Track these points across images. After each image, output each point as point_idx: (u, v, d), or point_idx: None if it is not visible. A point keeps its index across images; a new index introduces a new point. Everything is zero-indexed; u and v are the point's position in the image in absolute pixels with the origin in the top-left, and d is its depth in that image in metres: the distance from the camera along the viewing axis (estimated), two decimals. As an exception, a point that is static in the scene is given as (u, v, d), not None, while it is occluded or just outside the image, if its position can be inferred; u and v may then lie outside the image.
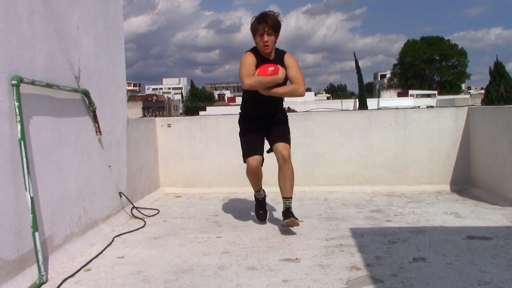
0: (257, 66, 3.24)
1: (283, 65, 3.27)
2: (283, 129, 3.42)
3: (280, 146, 3.30)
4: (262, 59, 3.27)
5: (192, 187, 5.10)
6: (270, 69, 3.20)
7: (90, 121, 3.31)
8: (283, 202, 3.34)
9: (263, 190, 3.65)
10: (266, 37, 3.18)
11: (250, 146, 3.39)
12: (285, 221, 3.23)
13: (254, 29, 3.23)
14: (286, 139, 3.36)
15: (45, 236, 2.61)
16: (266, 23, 3.17)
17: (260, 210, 3.63)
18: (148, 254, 2.87)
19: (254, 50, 3.32)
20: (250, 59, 3.25)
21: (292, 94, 3.27)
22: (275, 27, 3.22)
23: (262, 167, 3.47)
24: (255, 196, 3.64)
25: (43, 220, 2.60)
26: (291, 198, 3.35)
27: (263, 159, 3.42)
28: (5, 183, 2.26)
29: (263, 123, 3.43)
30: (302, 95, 3.27)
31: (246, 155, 3.39)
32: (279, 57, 3.32)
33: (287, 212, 3.28)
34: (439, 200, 4.24)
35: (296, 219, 3.23)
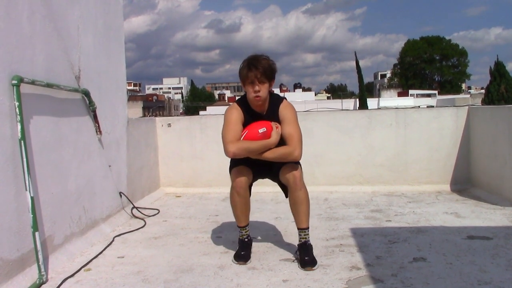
0: (245, 124, 2.67)
1: (278, 118, 2.69)
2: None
3: (289, 167, 2.68)
4: (251, 113, 2.69)
5: (192, 187, 5.10)
6: (260, 130, 2.60)
7: (90, 121, 3.31)
8: (298, 235, 2.68)
9: (248, 230, 2.84)
10: (257, 87, 2.59)
11: (236, 163, 2.72)
12: (304, 267, 2.54)
13: (244, 77, 2.62)
14: (297, 163, 2.76)
15: (45, 236, 2.62)
16: (257, 70, 2.58)
17: (242, 251, 2.76)
18: (148, 254, 2.87)
19: (243, 102, 2.74)
20: (235, 116, 2.66)
21: (285, 159, 2.66)
22: (269, 74, 2.61)
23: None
24: (238, 237, 2.84)
25: (43, 220, 2.61)
26: (308, 229, 2.67)
27: (251, 182, 2.79)
28: (5, 183, 2.26)
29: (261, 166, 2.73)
30: (296, 159, 2.72)
31: (232, 166, 2.75)
32: (273, 108, 2.71)
33: (305, 252, 2.60)
34: (439, 200, 4.24)
35: (315, 263, 2.56)
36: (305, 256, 2.58)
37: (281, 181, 2.75)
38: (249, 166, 2.72)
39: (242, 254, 2.73)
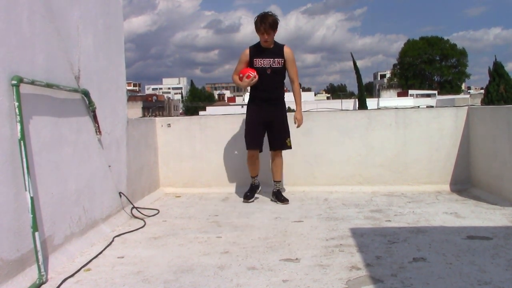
0: (255, 55, 4.18)
1: (283, 57, 4.17)
2: (282, 137, 4.30)
3: (276, 151, 4.38)
4: (262, 48, 4.19)
5: (192, 187, 5.10)
6: (247, 74, 4.16)
7: (90, 121, 3.31)
8: (274, 185, 4.39)
9: (258, 181, 4.56)
10: (266, 36, 4.08)
11: (251, 140, 4.29)
12: (282, 202, 4.25)
13: (257, 28, 4.09)
14: (283, 147, 4.34)
15: (45, 236, 2.61)
16: (266, 23, 4.03)
17: (248, 192, 4.45)
18: (148, 254, 2.87)
19: (256, 44, 4.24)
20: (243, 58, 4.25)
21: (300, 93, 4.43)
22: (273, 26, 4.07)
23: (263, 167, 4.49)
24: (250, 183, 4.54)
25: (43, 220, 2.60)
26: (281, 182, 4.44)
27: (261, 150, 4.39)
28: (5, 183, 2.26)
29: (266, 113, 4.24)
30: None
31: (247, 146, 4.33)
32: (277, 47, 4.22)
33: (280, 195, 4.34)
34: (439, 200, 4.24)
35: (287, 200, 4.28)
36: (281, 197, 4.30)
37: (272, 147, 4.39)
38: (260, 138, 4.35)
39: (248, 195, 4.42)
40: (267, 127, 4.28)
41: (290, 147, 4.36)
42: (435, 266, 2.48)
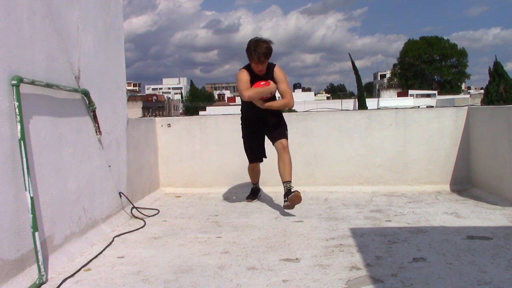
0: (251, 82, 3.88)
1: (273, 78, 3.91)
2: (280, 129, 4.04)
3: (280, 140, 3.96)
4: (254, 75, 3.91)
5: (192, 187, 5.10)
6: (262, 83, 3.88)
7: (90, 121, 3.31)
8: (284, 186, 3.80)
9: (259, 188, 4.59)
10: (260, 66, 3.82)
11: (252, 153, 4.23)
12: (288, 197, 3.68)
13: (251, 55, 3.80)
14: (284, 135, 4.01)
15: (45, 236, 2.61)
16: (261, 52, 3.75)
17: (251, 194, 4.49)
18: (148, 254, 2.87)
19: (248, 67, 3.94)
20: (245, 75, 3.89)
21: (285, 106, 4.05)
22: (267, 55, 3.81)
23: (264, 170, 4.45)
24: (252, 188, 4.56)
25: (43, 220, 2.60)
26: (291, 181, 3.81)
27: (263, 150, 4.26)
28: (5, 183, 2.26)
29: (261, 126, 4.09)
30: (291, 106, 4.19)
31: (249, 160, 4.27)
32: (268, 71, 3.93)
33: (289, 193, 3.71)
34: (439, 200, 4.24)
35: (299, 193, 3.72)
36: (290, 193, 3.71)
37: (274, 145, 4.03)
38: (260, 145, 4.21)
39: (250, 196, 4.46)
40: (263, 126, 4.09)
41: (287, 137, 4.04)
42: (435, 266, 2.48)
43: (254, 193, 4.52)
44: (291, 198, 3.67)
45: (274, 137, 4.01)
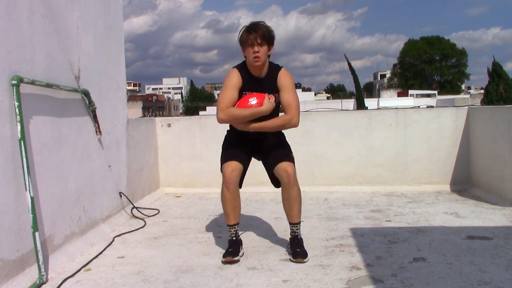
0: (243, 88, 2.74)
1: (275, 85, 2.76)
2: (282, 151, 2.83)
3: (284, 164, 2.72)
4: (250, 77, 2.75)
5: (192, 187, 5.10)
6: (251, 101, 2.67)
7: (90, 121, 3.31)
8: (290, 229, 2.80)
9: (239, 238, 2.83)
10: (256, 47, 2.65)
11: (229, 153, 2.84)
12: (295, 258, 2.65)
13: (244, 40, 2.70)
14: (288, 157, 2.78)
15: (45, 236, 2.61)
16: (256, 33, 2.66)
17: (230, 248, 2.75)
18: (148, 254, 2.87)
19: (242, 67, 2.79)
20: (233, 81, 2.73)
21: (283, 127, 2.77)
22: (267, 37, 2.69)
23: (263, 169, 2.94)
24: (228, 237, 2.81)
25: (43, 220, 2.60)
26: (300, 224, 2.80)
27: (242, 176, 2.85)
28: (5, 183, 2.26)
29: (253, 146, 2.88)
30: (295, 126, 2.74)
31: (223, 160, 2.83)
32: (271, 75, 2.77)
33: (297, 244, 2.72)
34: (439, 200, 4.24)
35: (305, 255, 2.66)
36: (297, 248, 2.69)
37: (275, 175, 2.81)
38: (243, 157, 2.82)
39: (230, 251, 2.72)
40: (255, 147, 2.88)
41: (293, 161, 2.79)
42: (435, 266, 2.48)
43: (234, 246, 2.75)
44: (298, 260, 2.63)
45: (274, 160, 2.77)
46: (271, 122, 2.71)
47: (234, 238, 2.79)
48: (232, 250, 2.72)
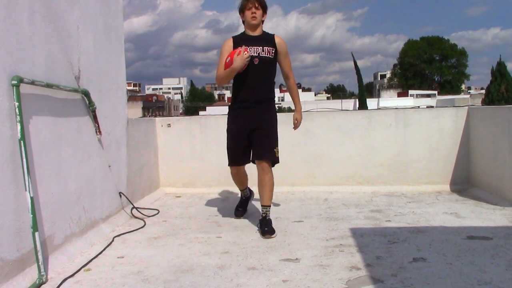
0: (236, 47, 3.31)
1: (274, 46, 3.39)
2: (268, 145, 3.35)
3: (263, 163, 3.36)
4: (246, 37, 3.39)
5: (192, 187, 5.10)
6: (227, 60, 3.27)
7: (90, 121, 3.31)
8: (261, 210, 3.37)
9: (249, 190, 3.92)
10: (254, 9, 3.31)
11: (233, 155, 3.54)
12: (264, 235, 3.19)
13: (244, 5, 3.36)
14: (270, 155, 3.35)
15: (45, 236, 2.61)
16: (255, 0, 3.35)
17: (240, 207, 3.88)
18: (148, 254, 2.87)
19: (238, 34, 3.48)
20: (225, 49, 3.39)
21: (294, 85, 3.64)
22: (263, 4, 3.39)
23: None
24: (240, 196, 3.96)
25: (43, 220, 2.60)
26: (269, 206, 3.37)
27: (248, 154, 3.55)
28: (5, 183, 2.26)
29: (251, 119, 3.38)
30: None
31: (230, 163, 3.60)
32: (266, 35, 3.43)
33: (265, 224, 3.27)
34: (439, 200, 4.24)
35: (273, 232, 3.21)
36: (265, 227, 3.24)
37: (256, 156, 3.43)
38: (244, 156, 3.53)
39: (239, 210, 3.84)
40: (252, 133, 3.41)
41: (278, 160, 3.42)
42: (435, 266, 2.48)
43: (243, 204, 3.91)
44: (266, 236, 3.19)
45: (257, 153, 3.39)
46: (298, 98, 3.64)
47: (244, 197, 3.90)
48: (241, 210, 3.85)
